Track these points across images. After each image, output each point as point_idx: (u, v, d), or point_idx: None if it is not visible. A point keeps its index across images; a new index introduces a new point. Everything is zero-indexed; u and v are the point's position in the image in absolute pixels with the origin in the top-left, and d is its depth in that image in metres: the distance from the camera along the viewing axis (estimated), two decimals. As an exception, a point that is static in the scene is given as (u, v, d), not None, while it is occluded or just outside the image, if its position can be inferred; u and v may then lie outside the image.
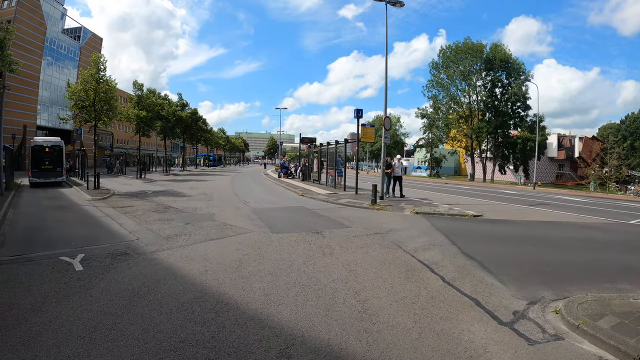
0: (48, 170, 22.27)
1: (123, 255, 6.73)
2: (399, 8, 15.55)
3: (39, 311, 4.32)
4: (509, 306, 4.70)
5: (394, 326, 4.07)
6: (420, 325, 4.12)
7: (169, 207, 13.13)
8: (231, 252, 7.04)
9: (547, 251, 7.56)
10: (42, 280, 5.38)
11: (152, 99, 38.13)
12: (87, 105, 21.12)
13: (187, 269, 5.96)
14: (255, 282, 5.37)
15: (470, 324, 4.17)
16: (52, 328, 3.89)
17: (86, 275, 5.63)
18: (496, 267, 6.30)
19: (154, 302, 4.59)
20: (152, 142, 69.36)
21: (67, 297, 4.74)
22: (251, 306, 4.51)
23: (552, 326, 4.19)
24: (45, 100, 54.84)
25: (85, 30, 64.60)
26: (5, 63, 15.78)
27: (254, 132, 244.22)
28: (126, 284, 5.22)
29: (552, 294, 5.14)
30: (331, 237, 8.40)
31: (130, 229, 9.14)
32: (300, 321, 4.12)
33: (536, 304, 4.81)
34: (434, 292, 5.14)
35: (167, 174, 41.57)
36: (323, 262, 6.43)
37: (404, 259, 6.81)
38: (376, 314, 4.38)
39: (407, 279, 5.68)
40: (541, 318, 4.40)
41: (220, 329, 3.90)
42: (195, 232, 8.72)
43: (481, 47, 46.91)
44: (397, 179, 17.03)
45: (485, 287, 5.35)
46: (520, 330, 4.06)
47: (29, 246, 7.45)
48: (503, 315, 4.42)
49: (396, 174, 16.96)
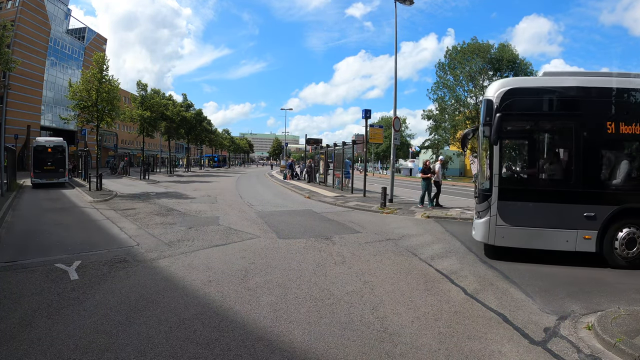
0: (50, 171, 22.07)
1: (122, 262, 6.38)
2: (408, 6, 15.18)
3: (29, 326, 3.98)
4: (539, 322, 4.34)
5: (418, 348, 3.66)
6: (447, 346, 3.72)
7: (172, 210, 12.81)
8: (236, 260, 6.67)
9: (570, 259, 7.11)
10: (34, 291, 5.05)
11: (157, 99, 37.88)
12: (89, 106, 20.82)
13: (189, 279, 5.59)
14: (262, 295, 4.98)
15: (500, 344, 3.79)
16: (40, 348, 3.52)
17: (81, 285, 5.29)
18: (519, 277, 5.92)
19: (152, 318, 4.21)
20: (157, 142, 69.26)
21: (60, 311, 4.39)
22: (259, 324, 4.12)
23: (587, 345, 3.84)
24: (49, 101, 54.93)
25: (90, 30, 64.79)
26: (3, 61, 15.50)
27: (259, 133, 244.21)
28: (123, 296, 4.85)
29: (582, 307, 4.78)
30: (342, 244, 8.02)
31: (130, 233, 8.80)
32: (314, 342, 3.71)
33: (566, 319, 4.44)
34: (457, 307, 4.74)
35: (171, 175, 41.42)
36: (335, 272, 6.04)
37: (420, 268, 6.40)
38: (397, 333, 3.97)
39: (426, 291, 5.27)
40: (574, 335, 4.04)
41: (225, 352, 3.49)
42: (198, 238, 8.37)
43: (488, 47, 46.40)
44: (438, 185, 14.22)
45: (511, 301, 4.98)
46: (554, 351, 3.70)
47: (24, 251, 7.14)
48: (534, 333, 4.05)
49: (437, 180, 14.14)
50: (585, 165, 6.69)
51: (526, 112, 7.08)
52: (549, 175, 7.33)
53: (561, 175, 7.17)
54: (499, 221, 6.79)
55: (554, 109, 7.07)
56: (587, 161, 6.70)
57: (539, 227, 6.73)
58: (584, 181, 6.66)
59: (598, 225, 6.49)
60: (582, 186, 6.64)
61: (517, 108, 6.88)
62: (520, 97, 6.90)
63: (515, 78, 7.67)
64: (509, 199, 6.81)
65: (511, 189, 6.96)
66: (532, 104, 7.05)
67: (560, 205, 6.71)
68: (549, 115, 7.17)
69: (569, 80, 6.93)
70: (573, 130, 6.81)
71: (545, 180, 7.34)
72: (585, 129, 6.70)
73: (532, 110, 7.09)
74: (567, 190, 6.80)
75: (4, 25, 15.94)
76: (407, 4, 14.84)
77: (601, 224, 6.48)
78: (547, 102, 7.06)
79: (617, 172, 6.74)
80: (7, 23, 16.74)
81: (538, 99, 7.03)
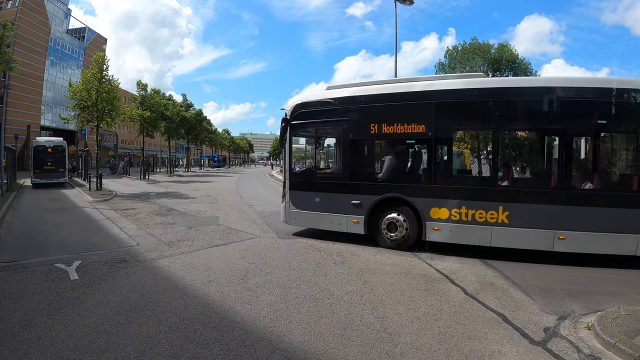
0: (50, 171, 22.05)
1: (122, 262, 6.37)
2: (408, 6, 15.17)
3: (29, 326, 3.98)
4: (539, 322, 4.32)
5: (418, 348, 3.66)
6: (447, 346, 3.71)
7: (172, 210, 12.81)
8: (236, 260, 6.67)
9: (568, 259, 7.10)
10: (34, 291, 5.05)
11: (156, 99, 37.82)
12: (89, 106, 20.79)
13: (189, 279, 5.59)
14: (262, 295, 4.97)
15: (500, 344, 3.78)
16: (40, 348, 3.53)
17: (81, 285, 5.28)
18: (519, 277, 5.91)
19: (152, 318, 4.21)
20: (157, 142, 69.22)
21: (59, 311, 4.39)
22: (259, 324, 4.11)
23: (587, 345, 3.82)
24: (49, 101, 54.89)
25: (90, 30, 64.75)
26: (3, 61, 15.48)
27: (259, 133, 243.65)
28: (123, 296, 4.85)
29: (582, 307, 4.77)
30: (341, 243, 8.01)
31: (130, 233, 8.79)
32: (314, 342, 3.70)
33: (566, 319, 4.43)
34: (457, 307, 4.73)
35: (171, 174, 41.39)
36: (335, 272, 6.04)
37: (420, 267, 6.40)
38: (397, 333, 3.97)
39: (426, 291, 5.27)
40: (574, 335, 4.02)
41: (225, 352, 3.49)
42: (198, 238, 8.37)
43: (488, 47, 46.22)
44: None
45: (510, 301, 4.96)
46: (554, 351, 3.68)
47: (25, 251, 7.14)
48: (534, 333, 4.04)
49: None
50: (352, 161, 8.04)
51: (309, 121, 8.56)
52: (324, 170, 9.54)
53: (334, 170, 9.14)
54: (291, 206, 8.57)
55: (327, 117, 8.38)
56: (354, 158, 8.08)
57: (318, 211, 8.25)
58: (351, 175, 7.99)
59: (364, 212, 7.68)
60: (349, 179, 7.99)
61: (302, 118, 8.47)
62: (304, 109, 8.43)
63: (306, 94, 9.44)
64: (297, 189, 8.54)
65: (298, 181, 8.66)
66: (313, 114, 8.43)
67: (333, 195, 8.13)
68: (324, 122, 8.59)
69: (338, 92, 8.23)
70: (342, 132, 8.16)
71: (322, 175, 9.12)
72: (351, 131, 7.97)
73: (312, 119, 8.50)
74: (338, 182, 8.26)
75: (5, 25, 15.92)
76: (407, 4, 14.84)
77: (367, 211, 7.65)
78: (324, 111, 8.33)
79: (380, 167, 8.07)
80: (7, 22, 16.71)
81: (317, 110, 8.39)
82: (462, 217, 6.94)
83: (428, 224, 7.18)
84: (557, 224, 6.46)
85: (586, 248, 6.43)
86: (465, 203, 6.94)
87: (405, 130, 7.44)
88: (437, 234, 7.16)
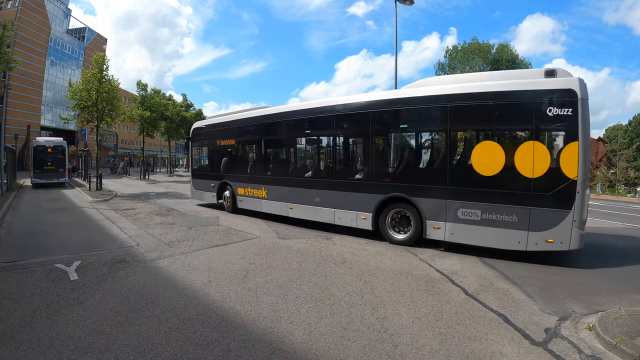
0: (50, 171, 22.04)
1: (122, 262, 6.35)
2: (408, 6, 15.15)
3: (28, 327, 3.97)
4: (540, 323, 4.31)
5: (418, 348, 3.65)
6: (447, 347, 3.70)
7: (172, 210, 12.80)
8: (236, 260, 6.65)
9: (568, 259, 7.09)
10: (33, 291, 5.03)
11: (157, 99, 37.87)
12: (89, 106, 20.78)
13: (189, 279, 5.57)
14: (263, 295, 4.95)
15: (501, 345, 3.76)
16: (40, 348, 3.51)
17: (81, 285, 5.26)
18: (519, 277, 5.90)
19: (152, 318, 4.19)
20: (157, 142, 69.21)
21: (59, 311, 4.37)
22: (259, 325, 4.09)
23: (588, 345, 3.81)
24: (49, 101, 54.89)
25: (90, 30, 64.76)
26: (3, 61, 15.47)
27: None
28: (123, 297, 4.83)
29: (583, 307, 4.76)
30: (342, 244, 8.01)
31: (130, 233, 8.78)
32: (315, 343, 3.69)
33: (567, 319, 4.42)
34: (457, 307, 4.71)
35: (171, 175, 41.40)
36: (335, 272, 6.02)
37: (421, 268, 6.38)
38: (398, 333, 3.95)
39: (427, 291, 5.25)
40: (575, 336, 4.01)
41: (225, 352, 3.48)
42: (198, 238, 8.36)
43: (488, 47, 46.31)
44: None
45: (511, 301, 4.95)
46: (555, 351, 3.66)
47: (24, 251, 7.11)
48: (535, 334, 4.02)
49: None
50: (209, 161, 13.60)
51: (198, 138, 13.89)
52: (205, 168, 13.91)
53: (210, 167, 13.49)
54: (192, 188, 14.60)
55: (204, 135, 13.51)
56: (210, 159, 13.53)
57: (201, 190, 13.80)
58: (210, 169, 13.40)
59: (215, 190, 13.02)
60: (210, 171, 13.34)
61: (195, 136, 13.97)
62: (197, 131, 13.91)
63: (202, 121, 14.45)
64: (194, 178, 14.46)
65: (195, 173, 14.44)
66: (200, 134, 13.72)
67: (206, 180, 13.42)
68: (202, 138, 13.69)
69: (209, 121, 13.69)
70: (209, 144, 13.39)
71: (204, 171, 13.86)
72: (210, 143, 13.29)
73: (200, 137, 13.77)
74: (209, 174, 13.37)
75: (5, 25, 15.91)
76: (407, 4, 14.82)
77: (216, 188, 12.98)
78: (202, 132, 13.61)
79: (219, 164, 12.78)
80: (7, 23, 16.70)
81: (201, 131, 13.67)
82: (247, 193, 11.52)
83: (238, 197, 11.85)
84: (288, 199, 10.08)
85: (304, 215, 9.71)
86: (249, 185, 11.38)
87: (229, 143, 12.42)
88: (242, 204, 11.83)
